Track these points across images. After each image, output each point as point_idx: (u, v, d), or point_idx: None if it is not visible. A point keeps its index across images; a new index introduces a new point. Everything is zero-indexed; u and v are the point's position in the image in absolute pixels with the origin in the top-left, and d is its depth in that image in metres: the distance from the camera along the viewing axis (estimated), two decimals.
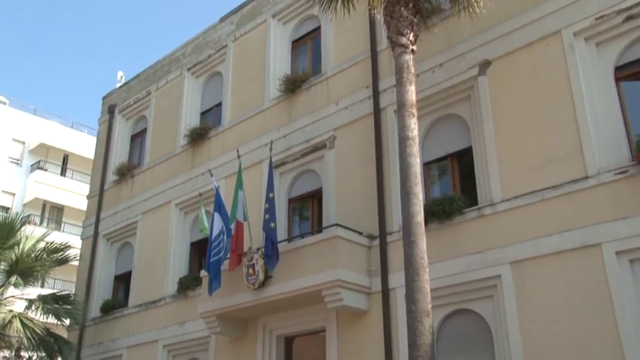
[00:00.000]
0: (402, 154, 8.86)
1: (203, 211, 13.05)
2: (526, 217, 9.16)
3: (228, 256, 11.72)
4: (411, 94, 9.11)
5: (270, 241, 10.98)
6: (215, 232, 11.71)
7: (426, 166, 11.07)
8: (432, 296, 8.49)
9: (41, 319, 14.65)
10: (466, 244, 9.72)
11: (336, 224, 11.01)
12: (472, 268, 9.52)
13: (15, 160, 38.45)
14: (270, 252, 10.97)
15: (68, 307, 15.22)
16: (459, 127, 10.78)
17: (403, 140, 8.90)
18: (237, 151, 13.19)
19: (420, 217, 8.45)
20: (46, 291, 19.96)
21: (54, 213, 38.89)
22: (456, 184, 10.63)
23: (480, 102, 10.29)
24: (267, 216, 11.15)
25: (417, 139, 8.94)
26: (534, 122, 9.50)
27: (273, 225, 10.97)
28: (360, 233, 11.10)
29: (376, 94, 11.87)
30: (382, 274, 10.63)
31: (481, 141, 10.12)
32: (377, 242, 10.96)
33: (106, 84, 75.15)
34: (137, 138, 18.80)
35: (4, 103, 39.89)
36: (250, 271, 11.43)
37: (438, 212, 10.08)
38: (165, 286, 15.14)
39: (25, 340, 14.07)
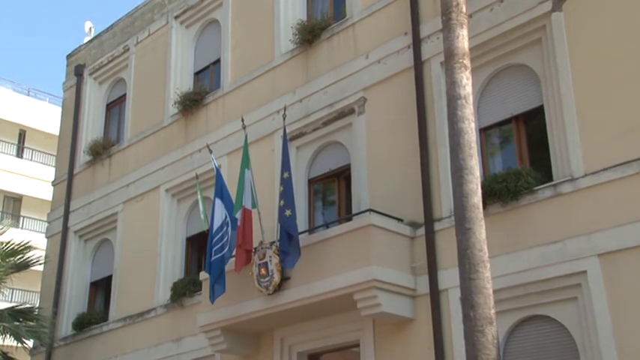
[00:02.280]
0: (451, 117, 8.92)
1: (201, 197, 13.27)
2: (617, 196, 9.10)
3: (234, 253, 11.90)
4: (463, 40, 9.14)
5: (287, 234, 11.11)
6: (217, 224, 11.85)
7: (484, 132, 11.12)
8: (496, 299, 8.51)
9: None
10: (539, 231, 9.72)
11: (370, 210, 11.13)
12: (548, 262, 9.51)
13: None
14: (287, 247, 11.10)
15: (31, 324, 15.25)
16: (526, 81, 10.79)
17: (453, 100, 8.94)
18: (242, 120, 13.28)
19: (476, 197, 8.53)
20: (1, 305, 19.80)
21: (9, 205, 39.08)
22: (524, 154, 10.68)
23: (554, 47, 10.25)
24: (281, 202, 11.27)
25: (470, 99, 8.97)
26: (626, 73, 9.39)
27: (289, 213, 11.09)
28: (401, 220, 11.25)
29: (417, 43, 11.92)
30: (430, 272, 10.75)
31: (556, 98, 10.10)
32: (422, 231, 11.08)
33: (71, 39, 74.96)
34: (114, 107, 19.04)
35: None
36: (262, 271, 11.58)
37: (501, 191, 10.14)
38: (155, 294, 15.36)
39: None
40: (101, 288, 17.55)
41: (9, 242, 15.64)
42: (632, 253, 8.76)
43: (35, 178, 38.18)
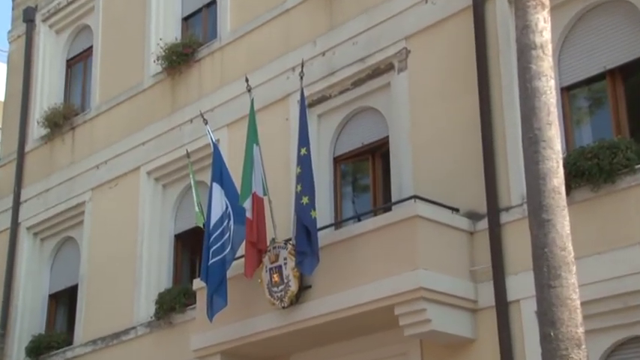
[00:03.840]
0: (523, 73, 8.86)
1: (194, 182, 13.35)
2: None
3: (238, 253, 12.11)
4: None
5: (305, 229, 11.20)
6: (215, 217, 11.97)
7: (567, 92, 11.08)
8: (585, 314, 8.36)
9: None
10: None
11: (415, 197, 11.14)
12: None
13: None
14: (306, 245, 11.19)
15: None
16: (625, 22, 10.71)
17: (526, 50, 8.86)
18: (247, 81, 13.12)
19: (557, 179, 8.47)
20: None
21: None
22: (622, 121, 10.63)
23: None
24: (299, 187, 11.33)
25: (549, 48, 8.88)
26: None
27: (307, 201, 11.24)
28: (456, 210, 11.30)
29: None
30: (495, 278, 10.77)
31: None
32: (484, 224, 11.10)
33: None
34: (77, 63, 19.15)
35: None
36: (275, 277, 11.66)
37: (590, 170, 10.09)
38: (135, 309, 15.36)
39: None
40: (63, 302, 17.65)
41: None
42: None
43: None
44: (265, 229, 12.04)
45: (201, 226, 12.79)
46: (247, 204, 11.91)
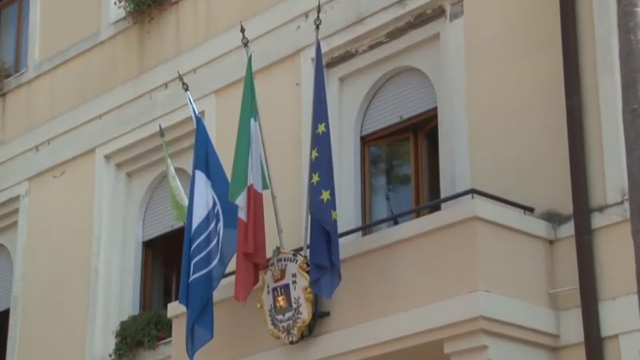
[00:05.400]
0: (625, 21, 8.83)
1: (172, 169, 13.42)
2: None
3: (229, 268, 12.05)
4: None
5: (323, 235, 11.21)
6: (199, 217, 12.10)
7: None
8: None
9: None
10: None
11: (473, 190, 11.16)
12: None
13: None
14: (324, 257, 11.16)
15: None
16: None
17: None
18: (242, 31, 12.91)
19: None
20: None
21: None
22: None
23: None
24: (314, 178, 11.37)
25: None
26: None
27: (327, 196, 11.22)
28: (531, 211, 11.29)
29: None
30: (585, 304, 10.67)
31: None
32: (569, 230, 11.05)
33: None
34: (9, 5, 19.42)
35: None
36: (280, 301, 11.69)
37: None
38: (88, 344, 15.42)
39: None
40: None
41: None
42: None
43: None
44: (264, 236, 12.00)
45: (183, 223, 12.85)
46: (240, 201, 11.84)
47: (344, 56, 13.67)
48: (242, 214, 11.82)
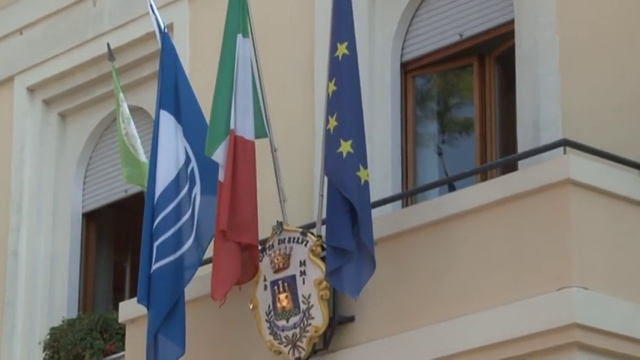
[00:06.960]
0: None
1: (125, 108, 12.09)
2: None
3: (207, 253, 10.80)
4: None
5: (345, 203, 9.64)
6: (165, 179, 10.70)
7: None
8: None
9: None
10: None
11: (565, 142, 9.56)
12: None
13: None
14: (348, 238, 9.60)
15: None
16: None
17: None
18: None
19: None
20: None
21: None
22: None
23: None
24: (332, 121, 9.89)
25: None
26: None
27: (346, 148, 9.70)
28: None
29: None
30: None
31: None
32: None
33: None
34: None
35: None
36: (283, 300, 10.32)
37: None
38: (4, 358, 14.83)
39: None
40: None
41: None
42: None
43: None
44: (256, 205, 10.48)
45: (141, 187, 11.99)
46: (220, 155, 10.42)
47: None
48: (221, 175, 10.58)
